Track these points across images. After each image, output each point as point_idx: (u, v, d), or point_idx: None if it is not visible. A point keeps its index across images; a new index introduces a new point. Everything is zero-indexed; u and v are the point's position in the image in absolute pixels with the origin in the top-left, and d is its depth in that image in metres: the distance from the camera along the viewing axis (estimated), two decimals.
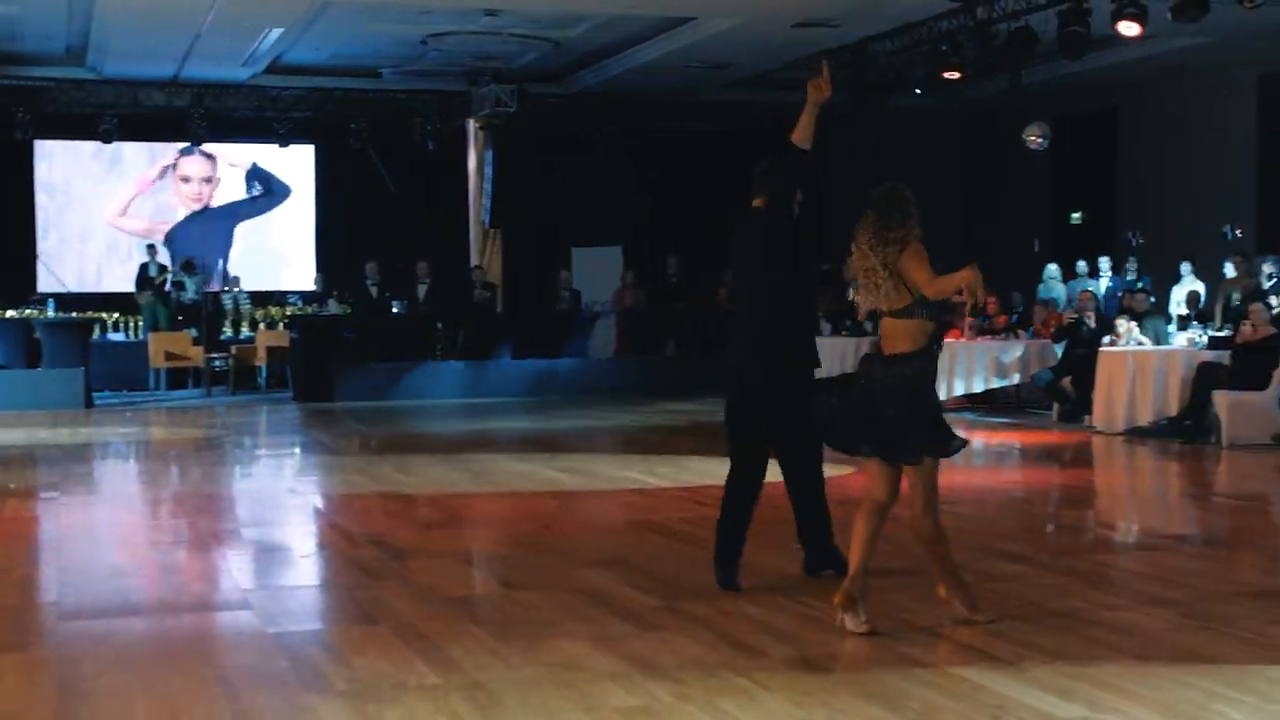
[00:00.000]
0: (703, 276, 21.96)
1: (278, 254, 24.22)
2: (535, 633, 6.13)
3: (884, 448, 6.04)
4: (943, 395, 16.76)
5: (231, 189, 24.15)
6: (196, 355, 20.75)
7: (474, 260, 22.65)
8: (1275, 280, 15.50)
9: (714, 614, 6.42)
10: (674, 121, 23.58)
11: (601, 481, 11.31)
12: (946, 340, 17.20)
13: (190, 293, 21.54)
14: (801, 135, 6.76)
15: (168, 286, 21.68)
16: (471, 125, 22.76)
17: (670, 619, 6.36)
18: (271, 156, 23.87)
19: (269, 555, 8.63)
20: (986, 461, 13.18)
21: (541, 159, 23.18)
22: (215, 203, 24.09)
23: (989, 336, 17.20)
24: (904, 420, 5.96)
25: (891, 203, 6.09)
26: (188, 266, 21.78)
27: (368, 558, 8.00)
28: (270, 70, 21.14)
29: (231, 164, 24.04)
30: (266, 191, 24.22)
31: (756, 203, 6.91)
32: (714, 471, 11.81)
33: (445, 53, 20.17)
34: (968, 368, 16.65)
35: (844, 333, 18.35)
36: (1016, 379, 16.64)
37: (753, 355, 6.90)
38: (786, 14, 17.50)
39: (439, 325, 20.30)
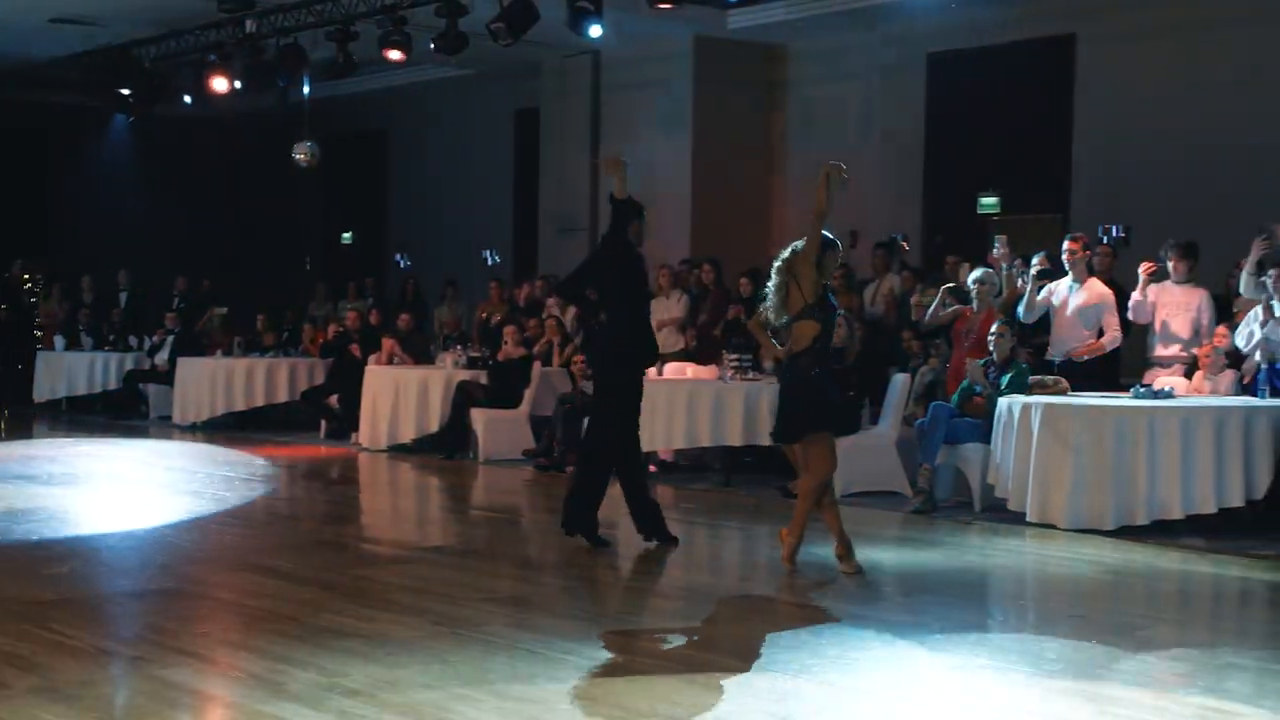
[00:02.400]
0: None
1: None
2: None
3: (790, 429, 7.90)
4: (206, 415, 16.51)
5: None
6: None
7: None
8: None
9: None
10: None
11: None
12: (210, 360, 17.03)
13: None
14: (618, 190, 8.76)
15: None
16: None
17: None
18: None
19: None
20: (251, 481, 13.10)
21: None
22: None
23: (259, 354, 17.10)
24: (801, 403, 7.78)
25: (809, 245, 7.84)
26: None
27: None
28: None
29: None
30: None
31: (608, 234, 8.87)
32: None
33: None
34: (233, 387, 16.45)
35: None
36: (286, 397, 16.66)
37: (608, 352, 8.86)
38: (42, 8, 16.55)
39: None
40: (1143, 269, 11.28)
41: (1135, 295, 11.23)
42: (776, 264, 7.99)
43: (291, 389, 16.54)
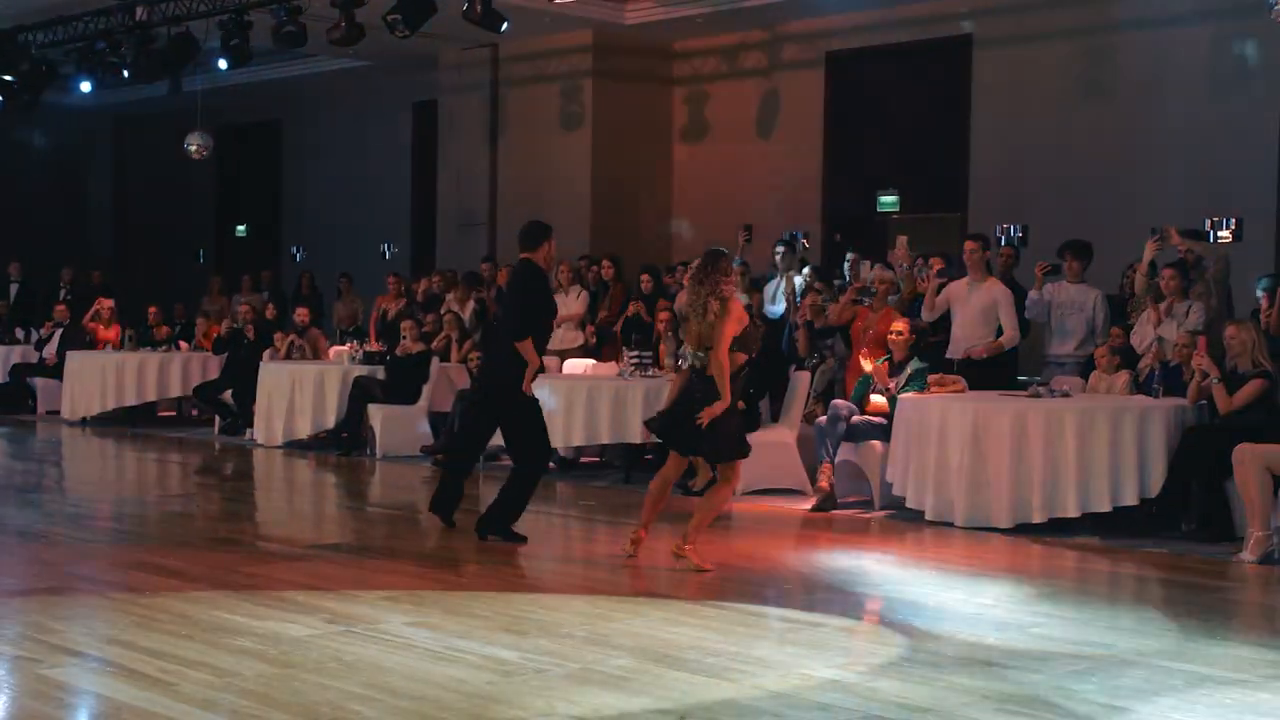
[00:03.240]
0: None
1: None
2: None
3: (693, 445, 8.03)
4: (96, 410, 16.18)
5: None
6: None
7: None
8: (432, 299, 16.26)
9: None
10: None
11: None
12: (100, 354, 16.68)
13: None
14: None
15: None
16: None
17: None
18: None
19: None
20: (143, 478, 12.86)
21: None
22: None
23: (152, 348, 16.79)
24: (716, 431, 7.80)
25: (717, 260, 7.88)
26: None
27: None
28: None
29: None
30: None
31: (523, 255, 8.87)
32: None
33: None
34: (124, 382, 16.12)
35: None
36: (179, 392, 16.39)
37: (504, 362, 8.84)
38: None
39: None
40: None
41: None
42: (697, 288, 7.92)
43: (185, 384, 16.26)
